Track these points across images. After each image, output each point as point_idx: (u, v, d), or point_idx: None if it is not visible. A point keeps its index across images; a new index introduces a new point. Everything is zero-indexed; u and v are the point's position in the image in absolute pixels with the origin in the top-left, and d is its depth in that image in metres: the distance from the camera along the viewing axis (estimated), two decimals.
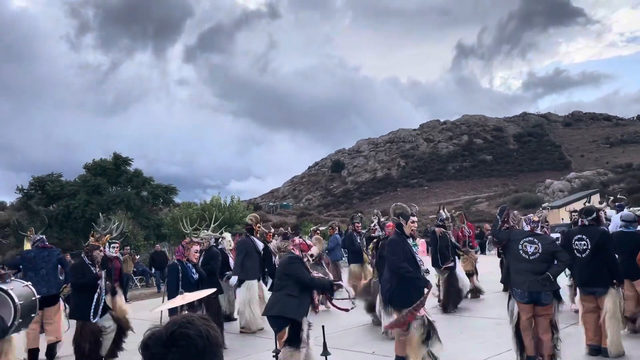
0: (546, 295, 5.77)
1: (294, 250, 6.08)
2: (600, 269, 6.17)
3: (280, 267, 6.06)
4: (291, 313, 5.68)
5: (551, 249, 5.85)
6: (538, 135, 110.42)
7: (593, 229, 6.37)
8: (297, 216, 55.03)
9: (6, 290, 5.89)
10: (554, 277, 5.71)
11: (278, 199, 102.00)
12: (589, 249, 6.22)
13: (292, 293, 5.72)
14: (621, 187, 55.28)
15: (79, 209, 26.82)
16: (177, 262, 7.00)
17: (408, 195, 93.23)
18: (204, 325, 1.48)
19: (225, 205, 27.15)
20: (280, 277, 5.91)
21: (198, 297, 5.44)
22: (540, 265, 5.75)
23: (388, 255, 6.13)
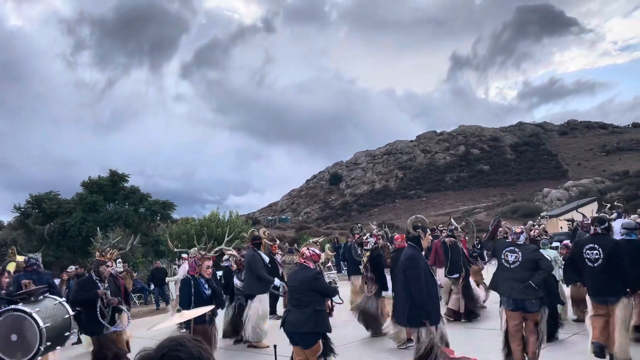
0: (531, 303, 5.90)
1: (308, 263, 5.99)
2: (612, 278, 6.17)
3: (305, 283, 5.85)
4: (326, 328, 5.77)
5: (532, 257, 5.99)
6: (534, 144, 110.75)
7: (605, 238, 6.38)
8: (295, 230, 54.88)
9: (30, 313, 5.49)
10: (535, 284, 5.82)
11: (276, 212, 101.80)
12: (602, 258, 6.20)
13: (320, 308, 5.74)
14: (619, 195, 55.35)
15: (75, 226, 26.68)
16: (190, 277, 6.88)
17: (406, 207, 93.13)
18: (196, 347, 1.44)
19: (223, 220, 27.04)
20: (305, 293, 5.77)
21: (196, 314, 5.39)
22: (522, 273, 5.91)
23: (410, 275, 5.88)
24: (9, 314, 5.52)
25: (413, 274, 5.84)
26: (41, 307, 5.67)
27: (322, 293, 5.79)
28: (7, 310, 5.54)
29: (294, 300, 5.90)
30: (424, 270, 5.98)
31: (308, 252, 6.08)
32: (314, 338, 5.69)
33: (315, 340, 5.71)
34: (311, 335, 5.69)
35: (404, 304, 5.78)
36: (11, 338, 5.40)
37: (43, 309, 5.64)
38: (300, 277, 5.90)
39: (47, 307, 5.74)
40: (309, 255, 6.02)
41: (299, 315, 5.73)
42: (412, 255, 5.98)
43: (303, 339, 5.74)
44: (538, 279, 5.87)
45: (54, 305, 5.84)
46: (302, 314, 5.70)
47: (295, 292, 5.93)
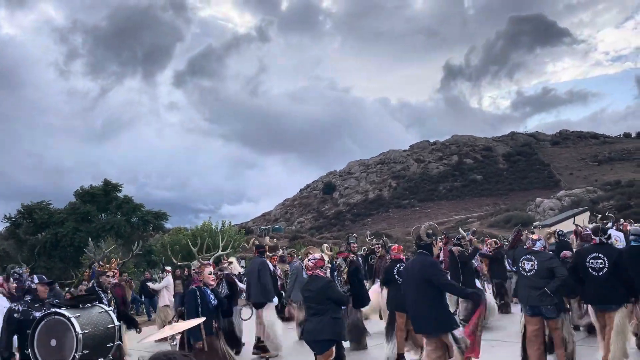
0: (547, 310, 6.00)
1: (317, 272, 6.11)
2: (616, 286, 6.28)
3: (319, 292, 5.95)
4: (341, 335, 6.00)
5: (547, 265, 6.08)
6: (527, 154, 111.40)
7: (609, 248, 6.54)
8: (289, 239, 54.77)
9: (69, 317, 5.30)
10: (551, 292, 5.91)
11: (270, 222, 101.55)
12: (607, 267, 6.30)
13: (336, 315, 5.93)
14: (611, 205, 55.68)
15: (67, 236, 26.50)
16: (195, 288, 6.81)
17: (400, 216, 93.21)
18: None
19: (216, 230, 26.94)
20: (320, 302, 5.92)
21: (187, 327, 5.34)
22: (538, 280, 6.03)
23: (439, 278, 5.81)
24: (51, 318, 5.34)
25: (442, 280, 5.79)
26: (83, 314, 5.44)
27: (335, 301, 5.96)
28: (49, 314, 5.37)
29: (311, 310, 6.06)
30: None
31: (311, 263, 6.14)
32: (327, 344, 5.88)
33: (329, 346, 5.87)
34: (325, 342, 5.87)
35: (427, 313, 5.62)
36: (51, 343, 5.23)
37: (84, 316, 5.41)
38: (314, 287, 6.03)
39: (90, 314, 5.51)
40: (313, 265, 6.12)
41: (316, 324, 5.90)
42: (433, 263, 5.98)
43: (316, 345, 5.92)
44: (553, 286, 5.97)
45: (99, 314, 5.61)
46: (319, 323, 5.88)
47: (311, 302, 6.07)
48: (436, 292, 5.67)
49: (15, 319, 5.50)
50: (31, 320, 5.48)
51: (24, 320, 5.46)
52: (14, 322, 5.49)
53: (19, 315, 5.53)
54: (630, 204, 57.89)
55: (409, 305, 5.89)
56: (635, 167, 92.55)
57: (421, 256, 5.90)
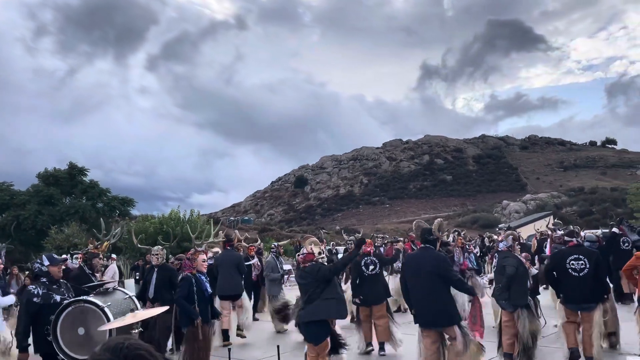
0: (503, 303, 6.62)
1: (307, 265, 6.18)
2: (596, 286, 6.65)
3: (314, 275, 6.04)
4: (339, 314, 6.07)
5: (502, 263, 6.77)
6: (496, 157, 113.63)
7: (589, 250, 6.94)
8: (258, 231, 54.50)
9: (102, 307, 4.99)
10: (501, 287, 6.61)
11: (240, 213, 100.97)
12: (588, 268, 6.63)
13: (328, 296, 5.96)
14: (573, 210, 57.32)
15: (29, 219, 25.79)
16: (190, 275, 6.67)
17: (370, 213, 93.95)
18: (147, 346, 1.43)
19: (184, 219, 26.59)
20: (316, 285, 5.97)
21: (150, 314, 5.24)
22: (498, 277, 6.81)
23: (452, 275, 5.95)
24: (79, 305, 5.00)
25: (454, 276, 6.00)
26: (113, 301, 5.14)
27: (329, 277, 5.99)
28: (78, 301, 5.02)
29: (305, 296, 6.08)
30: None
31: (300, 258, 6.31)
32: (322, 333, 5.87)
33: (324, 336, 5.88)
34: (320, 329, 5.86)
35: (439, 306, 5.71)
36: (78, 331, 4.92)
37: (114, 304, 5.11)
38: (310, 272, 6.10)
39: (116, 301, 5.21)
40: (303, 260, 6.25)
41: (310, 308, 5.93)
42: (445, 258, 6.12)
43: (310, 332, 5.91)
44: (502, 283, 6.56)
45: (124, 300, 5.31)
46: (313, 306, 5.92)
47: (307, 287, 6.08)
48: (446, 286, 5.79)
49: (36, 304, 5.03)
50: (52, 305, 5.13)
51: (44, 304, 5.08)
52: (34, 306, 5.03)
53: (39, 300, 5.07)
54: (592, 210, 59.71)
55: (417, 298, 5.85)
56: (598, 174, 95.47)
57: (428, 250, 5.95)
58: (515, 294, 6.46)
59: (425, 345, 5.79)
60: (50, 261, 5.29)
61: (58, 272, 5.22)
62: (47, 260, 5.32)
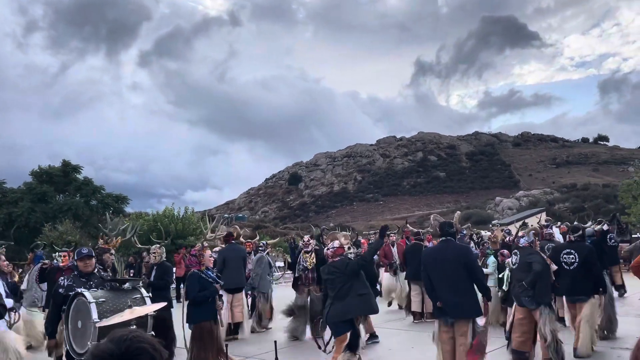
0: (526, 300, 6.42)
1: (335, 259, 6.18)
2: (585, 279, 6.93)
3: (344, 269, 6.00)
4: (372, 309, 6.05)
5: (527, 259, 6.54)
6: (489, 154, 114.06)
7: (580, 245, 7.20)
8: (252, 229, 54.42)
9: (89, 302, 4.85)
10: (527, 284, 6.35)
11: (234, 210, 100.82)
12: (577, 262, 7.00)
13: (362, 292, 5.95)
14: (566, 206, 57.69)
15: (22, 217, 25.65)
16: (198, 271, 6.66)
17: (364, 210, 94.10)
18: (152, 340, 1.45)
19: (178, 217, 26.54)
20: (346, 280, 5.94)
21: (147, 311, 5.27)
22: (520, 274, 6.54)
23: (477, 267, 6.05)
24: (79, 298, 4.96)
25: (478, 268, 6.07)
26: (113, 298, 4.96)
27: (357, 272, 5.96)
28: (77, 294, 4.99)
29: (334, 291, 6.01)
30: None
31: (330, 251, 6.27)
32: (343, 327, 5.88)
33: (345, 330, 5.88)
34: (345, 323, 5.86)
35: (464, 297, 5.76)
36: (78, 325, 4.93)
37: (113, 301, 4.93)
38: (340, 266, 6.06)
39: (120, 299, 4.99)
40: (332, 253, 6.23)
41: (343, 305, 5.90)
42: (470, 250, 6.25)
43: (338, 326, 5.89)
44: (528, 280, 6.41)
45: (132, 299, 5.08)
46: (346, 303, 5.88)
47: (335, 283, 6.04)
48: (469, 278, 5.82)
49: (60, 294, 5.24)
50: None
51: (66, 295, 5.25)
52: (59, 297, 5.20)
53: (63, 290, 5.29)
54: (585, 207, 60.02)
55: (441, 289, 5.81)
56: (590, 171, 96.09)
57: (450, 242, 6.00)
58: (541, 291, 6.41)
59: (444, 340, 5.83)
60: (77, 255, 5.46)
61: (83, 266, 5.34)
62: (76, 254, 5.48)
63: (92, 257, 5.34)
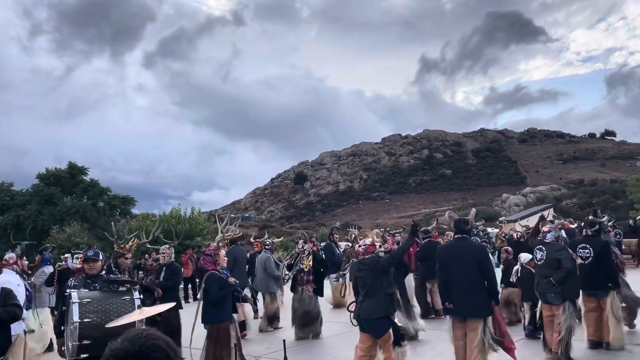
0: (551, 297, 6.42)
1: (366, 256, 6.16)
2: (600, 274, 6.94)
3: (374, 267, 5.95)
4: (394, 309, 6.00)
5: (555, 256, 6.49)
6: (495, 150, 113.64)
7: (595, 239, 7.19)
8: (258, 228, 54.54)
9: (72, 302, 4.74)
10: (555, 281, 6.32)
11: (240, 210, 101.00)
12: (592, 256, 7.02)
13: (390, 291, 5.92)
14: (573, 202, 57.38)
15: (29, 219, 25.79)
16: (215, 271, 6.64)
17: (370, 208, 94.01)
18: (166, 337, 1.47)
19: (185, 217, 26.62)
20: (376, 278, 5.89)
21: (157, 311, 5.27)
22: (546, 270, 6.48)
23: (491, 267, 5.99)
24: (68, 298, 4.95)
25: (491, 267, 6.02)
26: (98, 298, 4.88)
27: (386, 270, 5.89)
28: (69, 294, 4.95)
29: (364, 289, 5.97)
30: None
31: (362, 249, 6.23)
32: (384, 325, 5.82)
33: (386, 328, 5.85)
34: (383, 323, 5.81)
35: (479, 296, 5.75)
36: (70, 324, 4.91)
37: (98, 301, 4.84)
38: (369, 264, 6.02)
39: (108, 300, 4.89)
40: (364, 251, 6.18)
41: (371, 303, 5.84)
42: (484, 248, 6.21)
43: (372, 326, 5.84)
44: (558, 277, 6.35)
45: (120, 301, 4.94)
46: (374, 301, 5.82)
47: (366, 280, 6.01)
48: (482, 277, 5.80)
49: (67, 295, 5.40)
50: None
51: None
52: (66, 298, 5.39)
53: (70, 290, 5.41)
54: (592, 202, 59.69)
55: (457, 287, 5.78)
56: (598, 166, 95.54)
57: (465, 240, 5.99)
58: (569, 288, 6.40)
59: (457, 336, 5.82)
60: (84, 257, 5.54)
61: (89, 268, 5.38)
62: (83, 257, 5.59)
63: (98, 260, 5.35)
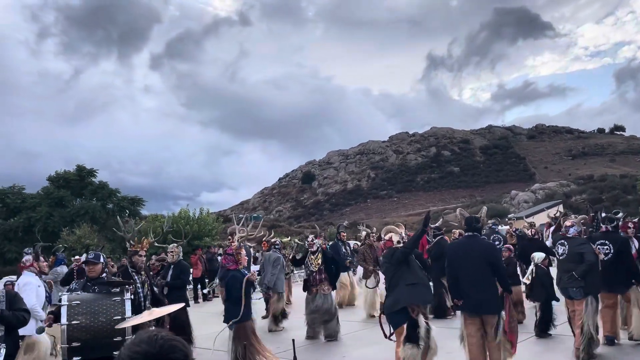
0: (573, 291, 6.38)
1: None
2: (620, 270, 6.87)
3: (392, 258, 6.00)
4: (422, 300, 5.89)
5: (577, 250, 6.47)
6: (503, 147, 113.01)
7: (615, 235, 7.11)
8: (267, 228, 54.60)
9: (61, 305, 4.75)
10: (578, 275, 6.28)
11: (248, 210, 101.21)
12: (612, 253, 6.93)
13: (410, 282, 5.87)
14: (583, 198, 56.96)
15: (40, 221, 26.00)
16: (236, 270, 6.67)
17: (378, 207, 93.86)
18: (179, 337, 1.49)
19: (194, 218, 26.72)
20: (396, 269, 5.94)
21: (167, 312, 5.31)
22: (568, 265, 6.44)
23: (501, 264, 6.04)
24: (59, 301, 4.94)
25: (502, 265, 6.05)
26: (89, 300, 4.86)
27: (401, 261, 5.92)
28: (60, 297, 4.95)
29: (389, 282, 6.05)
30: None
31: (382, 244, 6.36)
32: (399, 319, 5.82)
33: (401, 322, 5.82)
34: (399, 314, 5.81)
35: (490, 293, 5.76)
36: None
37: (88, 303, 4.82)
38: (388, 257, 6.11)
39: (98, 301, 4.86)
40: (383, 246, 6.32)
41: (393, 296, 5.90)
42: (495, 246, 6.29)
43: (392, 319, 5.88)
44: (581, 271, 6.30)
45: (111, 301, 4.89)
46: (396, 293, 5.86)
47: (389, 273, 6.08)
48: (493, 274, 5.80)
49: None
50: None
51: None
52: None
53: (61, 294, 5.48)
54: (602, 198, 59.27)
55: (467, 284, 5.78)
56: (607, 162, 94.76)
57: (476, 237, 6.01)
58: (592, 282, 6.36)
59: (470, 333, 5.81)
60: (84, 260, 5.59)
61: (88, 270, 5.44)
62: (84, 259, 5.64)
63: (98, 263, 5.39)
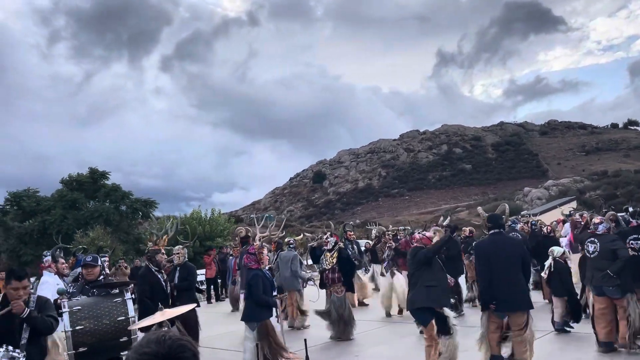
0: (610, 290, 6.29)
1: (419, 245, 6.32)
2: None
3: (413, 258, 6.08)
4: (439, 302, 5.93)
5: (610, 247, 6.40)
6: (516, 144, 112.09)
7: None
8: (278, 228, 54.65)
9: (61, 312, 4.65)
10: (613, 273, 6.19)
11: (259, 210, 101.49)
12: None
13: (429, 284, 5.94)
14: (597, 194, 56.32)
15: (54, 224, 26.29)
16: (258, 270, 6.68)
17: (389, 205, 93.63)
18: (186, 337, 1.50)
19: (205, 219, 26.87)
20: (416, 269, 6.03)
21: (178, 312, 5.34)
22: (601, 262, 6.35)
23: (529, 260, 6.11)
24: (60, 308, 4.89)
25: (529, 260, 6.15)
26: (89, 304, 4.85)
27: (423, 262, 5.96)
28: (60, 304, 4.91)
29: (412, 279, 6.14)
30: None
31: (418, 236, 6.47)
32: (426, 316, 5.90)
33: (428, 319, 5.92)
34: (423, 312, 5.89)
35: (521, 290, 5.75)
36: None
37: (89, 307, 4.81)
38: (412, 256, 6.16)
39: (99, 304, 4.85)
40: (418, 238, 6.39)
41: (413, 294, 6.01)
42: (522, 242, 6.32)
43: (416, 316, 6.03)
44: (615, 268, 6.23)
45: (112, 303, 4.87)
46: (416, 292, 5.97)
47: (411, 270, 6.15)
48: (521, 271, 5.79)
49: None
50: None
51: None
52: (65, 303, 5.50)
53: (68, 296, 5.50)
54: (617, 194, 58.56)
55: (500, 283, 5.72)
56: (621, 157, 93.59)
57: (502, 235, 6.02)
58: (628, 279, 6.29)
59: (492, 330, 5.81)
60: (82, 263, 5.60)
61: (86, 273, 5.47)
62: (82, 262, 5.65)
63: (97, 266, 5.41)
